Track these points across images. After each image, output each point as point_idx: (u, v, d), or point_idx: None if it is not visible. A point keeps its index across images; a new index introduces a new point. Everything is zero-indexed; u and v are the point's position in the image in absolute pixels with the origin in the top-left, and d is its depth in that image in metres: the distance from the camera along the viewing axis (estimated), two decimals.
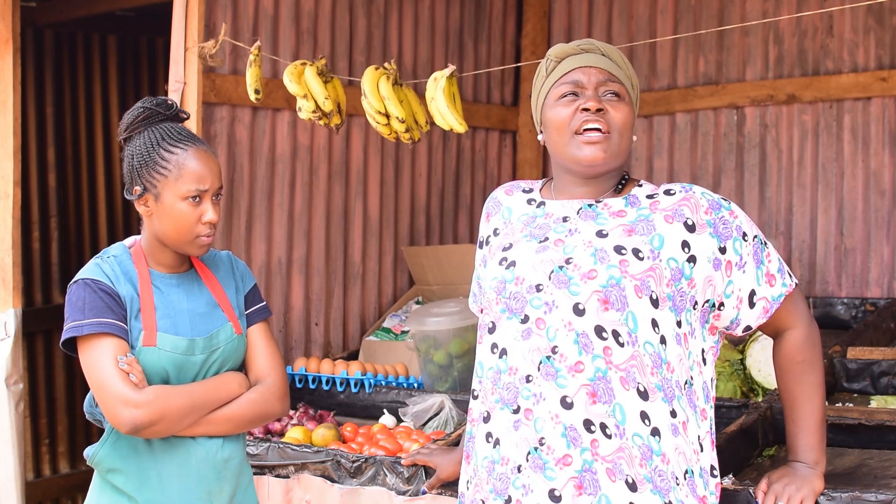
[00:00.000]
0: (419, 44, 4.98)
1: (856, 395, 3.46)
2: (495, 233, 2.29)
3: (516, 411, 2.09)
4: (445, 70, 3.41)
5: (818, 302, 4.73)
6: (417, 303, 4.71)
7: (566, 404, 2.04)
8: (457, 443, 2.99)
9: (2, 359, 4.10)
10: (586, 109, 2.12)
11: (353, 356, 4.47)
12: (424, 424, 3.56)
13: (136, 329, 2.30)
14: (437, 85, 3.40)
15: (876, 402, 3.29)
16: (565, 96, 2.16)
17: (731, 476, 2.50)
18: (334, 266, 4.60)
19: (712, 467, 2.14)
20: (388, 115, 3.48)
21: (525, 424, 2.08)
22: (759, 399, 3.36)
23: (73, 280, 2.34)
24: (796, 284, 2.21)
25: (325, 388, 3.90)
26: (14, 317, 4.14)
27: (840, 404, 3.28)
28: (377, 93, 3.47)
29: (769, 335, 2.27)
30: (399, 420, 3.68)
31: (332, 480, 3.06)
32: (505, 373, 2.12)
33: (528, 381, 2.08)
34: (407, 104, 3.53)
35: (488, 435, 2.15)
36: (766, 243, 2.18)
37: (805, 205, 4.93)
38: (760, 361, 3.51)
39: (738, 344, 3.66)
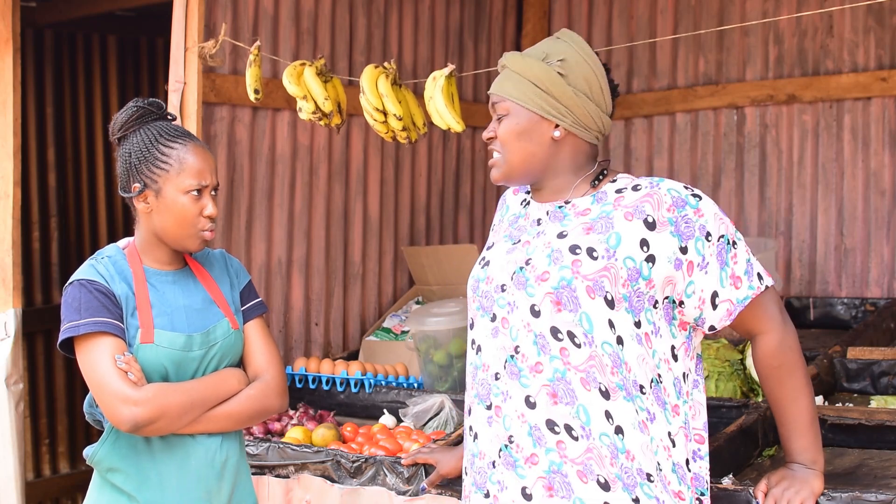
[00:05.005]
0: (419, 44, 4.98)
1: (856, 395, 3.47)
2: (492, 230, 2.35)
3: (489, 407, 2.14)
4: (444, 69, 3.40)
5: (818, 302, 4.73)
6: (417, 303, 4.71)
7: (530, 403, 2.07)
8: (457, 442, 2.99)
9: (2, 359, 4.10)
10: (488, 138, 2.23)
11: (353, 356, 4.47)
12: (424, 424, 3.56)
13: (132, 327, 2.30)
14: (436, 84, 3.39)
15: (876, 402, 3.29)
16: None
17: (731, 476, 2.50)
18: (334, 266, 4.60)
19: (688, 461, 2.13)
20: (385, 113, 3.47)
21: (496, 421, 2.12)
22: (759, 399, 3.36)
23: (69, 282, 2.34)
24: (767, 287, 2.15)
25: (325, 388, 3.90)
26: (14, 317, 4.14)
27: (840, 404, 3.28)
28: (375, 90, 3.46)
29: (743, 336, 2.25)
30: (399, 420, 3.68)
31: (332, 480, 3.06)
32: (480, 369, 2.17)
33: (496, 378, 2.13)
34: (405, 104, 3.52)
35: (469, 428, 2.20)
36: (734, 243, 2.12)
37: (805, 205, 4.93)
38: None
39: (737, 344, 3.66)
